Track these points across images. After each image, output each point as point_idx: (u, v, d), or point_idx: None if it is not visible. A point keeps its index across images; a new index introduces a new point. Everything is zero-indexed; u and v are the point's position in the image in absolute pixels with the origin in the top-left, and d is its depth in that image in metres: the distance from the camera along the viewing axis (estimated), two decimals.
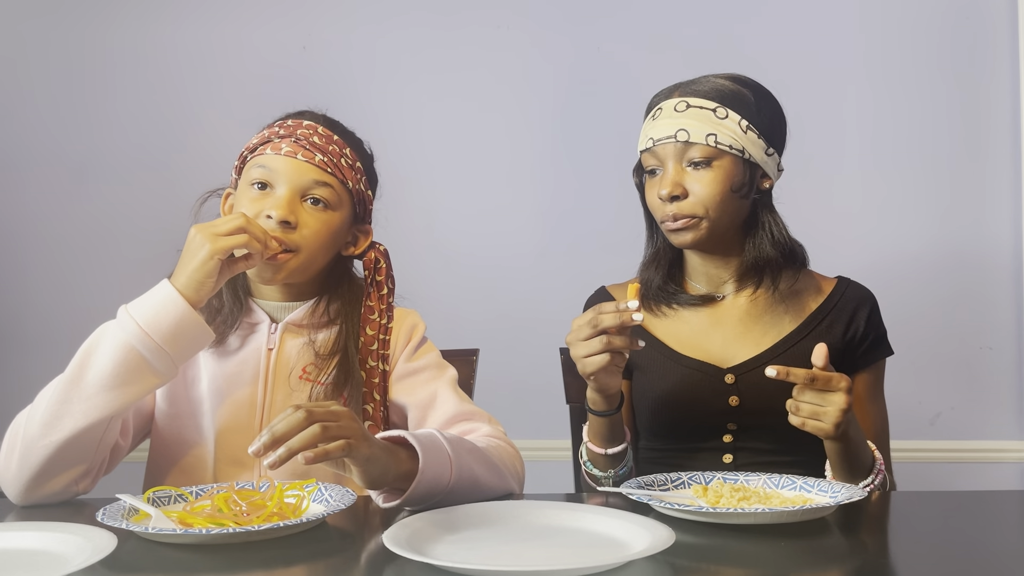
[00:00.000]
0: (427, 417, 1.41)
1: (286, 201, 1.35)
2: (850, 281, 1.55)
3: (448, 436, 1.20)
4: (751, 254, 1.48)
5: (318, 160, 1.37)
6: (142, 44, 2.53)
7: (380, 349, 1.43)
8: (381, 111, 2.47)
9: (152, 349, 1.21)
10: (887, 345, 1.53)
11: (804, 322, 1.50)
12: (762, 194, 1.49)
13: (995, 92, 2.32)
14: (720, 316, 1.52)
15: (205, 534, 1.00)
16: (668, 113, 1.44)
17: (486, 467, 1.23)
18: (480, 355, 1.79)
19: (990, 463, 2.33)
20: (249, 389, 1.39)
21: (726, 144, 1.41)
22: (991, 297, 2.33)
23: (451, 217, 2.47)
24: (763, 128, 1.44)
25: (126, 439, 1.36)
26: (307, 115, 1.44)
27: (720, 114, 1.42)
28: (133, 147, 2.50)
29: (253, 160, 1.40)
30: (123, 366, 1.21)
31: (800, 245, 1.53)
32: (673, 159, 1.43)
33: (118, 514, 1.08)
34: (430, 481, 1.13)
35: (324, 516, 1.08)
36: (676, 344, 1.52)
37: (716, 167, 1.42)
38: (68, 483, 1.25)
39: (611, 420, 1.40)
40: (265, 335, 1.41)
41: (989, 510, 1.27)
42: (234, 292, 1.41)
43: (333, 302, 1.44)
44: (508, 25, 2.46)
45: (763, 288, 1.50)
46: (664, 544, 0.93)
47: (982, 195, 2.33)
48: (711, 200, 1.42)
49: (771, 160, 1.47)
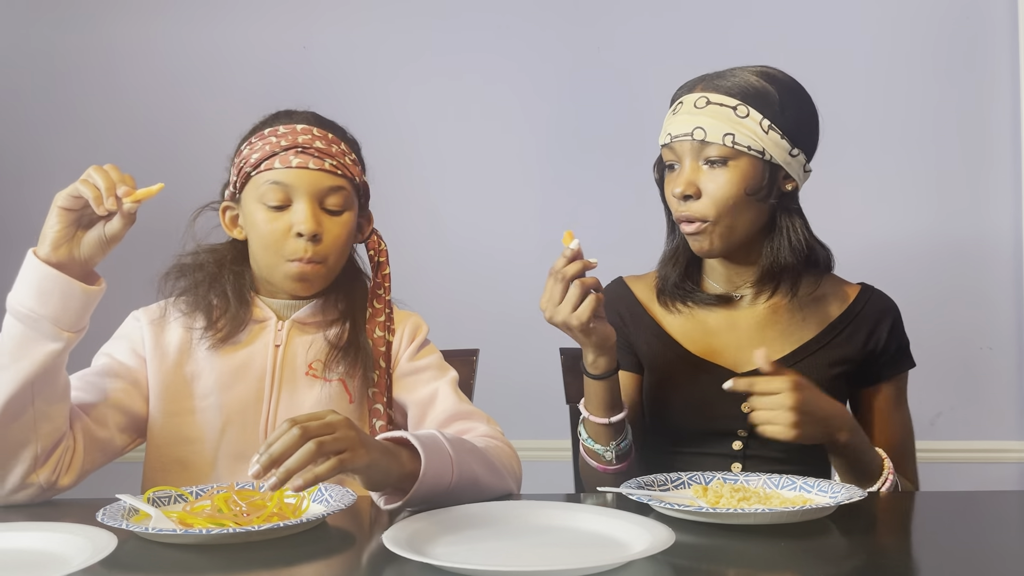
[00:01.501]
0: (426, 415, 1.41)
1: (311, 215, 1.35)
2: (874, 290, 1.52)
3: (449, 436, 1.19)
4: (768, 259, 1.44)
5: (328, 165, 1.37)
6: (142, 45, 2.53)
7: (387, 321, 1.45)
8: (381, 111, 2.47)
9: (24, 316, 1.21)
10: (909, 357, 1.51)
11: (824, 330, 1.47)
12: (784, 197, 1.43)
13: (995, 92, 2.32)
14: (737, 319, 1.49)
15: (205, 534, 1.00)
16: (688, 108, 1.40)
17: (486, 467, 1.23)
18: (480, 355, 1.79)
19: (990, 463, 2.33)
20: (256, 386, 1.39)
21: (744, 145, 1.37)
22: (991, 297, 2.33)
23: (451, 217, 2.47)
24: (787, 128, 1.39)
25: (105, 430, 1.35)
26: (295, 116, 1.42)
27: (740, 112, 1.37)
28: (133, 147, 2.50)
29: (260, 176, 1.38)
30: (9, 342, 1.22)
31: (825, 248, 1.48)
32: (690, 156, 1.40)
33: (118, 514, 1.08)
34: (432, 482, 1.13)
35: (324, 516, 1.08)
36: (689, 344, 1.49)
37: (733, 167, 1.38)
38: (24, 473, 1.24)
39: (611, 382, 1.38)
40: (272, 332, 1.41)
41: (989, 510, 1.27)
42: (238, 291, 1.41)
43: (340, 299, 1.45)
44: (509, 26, 2.46)
45: (781, 294, 1.47)
46: (664, 544, 0.93)
47: (982, 195, 2.33)
48: (723, 202, 1.38)
49: (795, 161, 1.41)
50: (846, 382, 1.47)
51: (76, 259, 1.23)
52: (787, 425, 1.24)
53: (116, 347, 1.42)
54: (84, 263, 1.24)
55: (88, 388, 1.35)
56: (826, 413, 1.29)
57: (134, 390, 1.39)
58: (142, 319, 1.43)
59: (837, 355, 1.46)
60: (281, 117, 1.43)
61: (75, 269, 1.24)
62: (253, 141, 1.40)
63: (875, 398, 1.50)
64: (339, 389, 1.40)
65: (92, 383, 1.37)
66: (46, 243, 1.22)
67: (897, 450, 1.45)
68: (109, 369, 1.39)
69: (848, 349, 1.46)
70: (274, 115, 1.44)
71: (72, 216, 1.23)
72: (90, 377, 1.37)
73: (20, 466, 1.24)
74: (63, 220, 1.22)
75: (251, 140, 1.41)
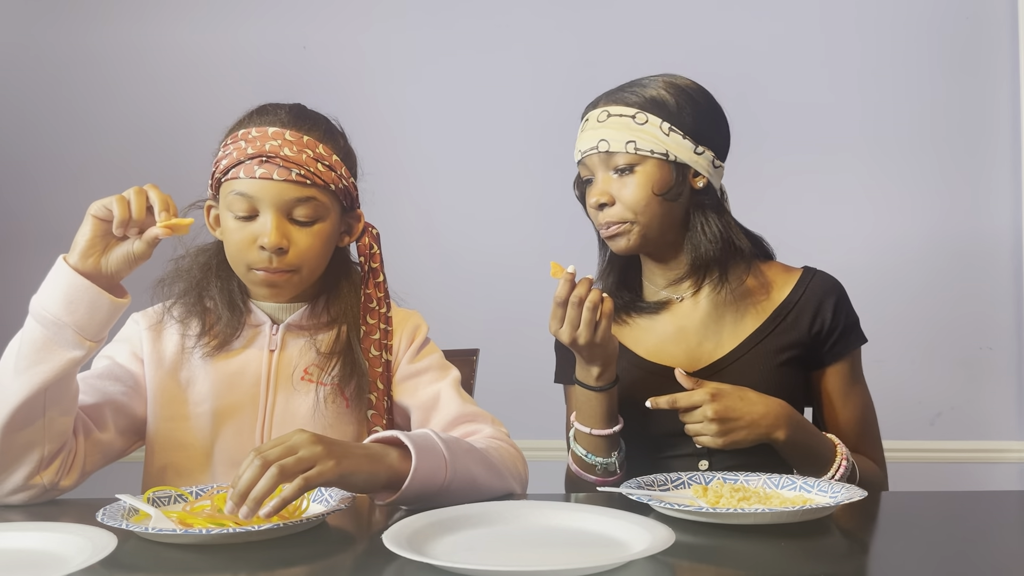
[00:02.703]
0: (430, 419, 1.40)
1: (274, 228, 1.31)
2: (816, 271, 1.53)
3: (444, 436, 1.19)
4: (690, 254, 1.48)
5: (295, 176, 1.31)
6: (143, 45, 2.54)
7: (382, 339, 1.42)
8: (381, 111, 2.47)
9: (49, 323, 1.22)
10: (859, 333, 1.51)
11: (768, 318, 1.49)
12: (696, 194, 1.47)
13: (995, 92, 2.32)
14: (681, 319, 1.51)
15: (205, 534, 1.00)
16: (592, 124, 1.47)
17: (484, 467, 1.23)
18: (480, 355, 1.79)
19: (990, 463, 2.33)
20: (251, 391, 1.38)
21: (647, 149, 1.43)
22: (991, 297, 2.33)
23: (451, 217, 2.47)
24: (687, 128, 1.44)
25: (106, 432, 1.35)
26: (270, 113, 1.37)
27: (639, 120, 1.44)
28: (133, 147, 2.50)
29: (227, 185, 1.34)
30: (29, 346, 1.22)
31: (756, 238, 1.52)
32: (600, 168, 1.46)
33: (118, 514, 1.08)
34: (424, 480, 1.12)
35: (324, 516, 1.08)
36: (643, 351, 1.52)
37: (639, 172, 1.43)
38: (28, 475, 1.25)
39: (611, 394, 1.40)
40: (267, 337, 1.41)
41: (989, 510, 1.27)
42: (230, 299, 1.40)
43: (333, 301, 1.43)
44: (508, 25, 2.46)
45: (712, 287, 1.49)
46: (664, 544, 0.93)
47: (982, 195, 2.33)
48: (637, 204, 1.43)
49: (702, 159, 1.46)
50: (797, 367, 1.49)
51: (103, 271, 1.24)
52: (712, 434, 1.32)
53: (117, 350, 1.42)
54: (111, 276, 1.25)
55: (89, 390, 1.35)
56: (755, 416, 1.33)
57: (135, 393, 1.39)
58: (141, 323, 1.43)
59: (784, 341, 1.47)
60: (255, 117, 1.37)
61: (102, 280, 1.24)
62: (227, 143, 1.36)
63: (828, 379, 1.50)
64: (334, 393, 1.39)
65: (93, 385, 1.37)
66: (76, 251, 1.23)
67: (856, 429, 1.45)
68: (110, 372, 1.39)
69: (794, 334, 1.47)
70: (251, 113, 1.39)
71: (104, 227, 1.24)
72: (91, 379, 1.37)
73: (25, 468, 1.24)
74: (95, 230, 1.23)
75: (226, 141, 1.37)
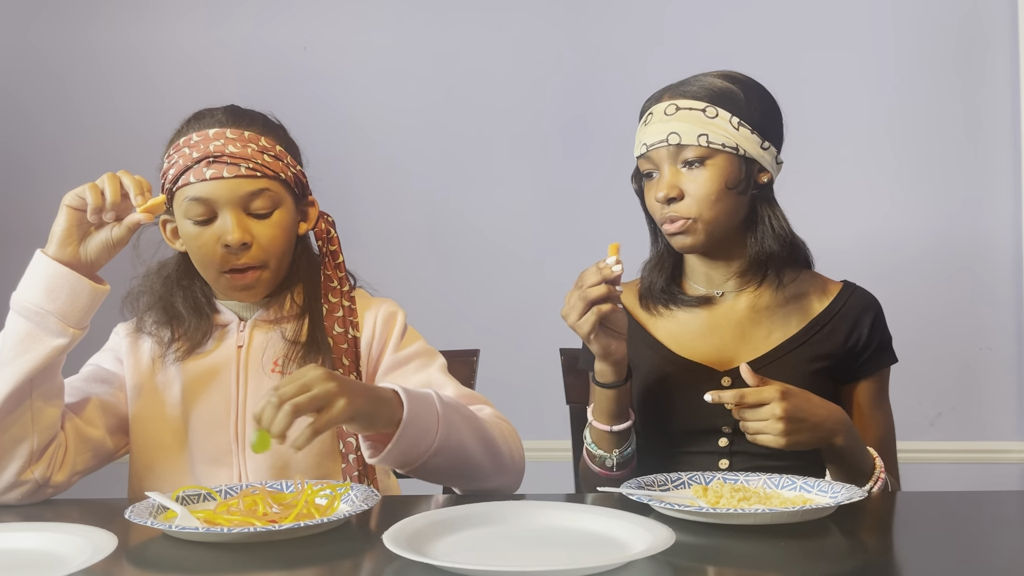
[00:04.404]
0: None
1: (235, 224, 1.32)
2: (855, 286, 1.53)
3: (444, 398, 1.21)
4: (753, 249, 1.47)
5: (245, 170, 1.32)
6: (142, 45, 2.53)
7: (346, 316, 1.41)
8: (381, 111, 2.47)
9: (31, 313, 1.23)
10: (891, 353, 1.51)
11: (806, 327, 1.48)
12: (760, 189, 1.47)
13: (995, 92, 2.32)
14: (718, 319, 1.51)
15: (226, 533, 1.01)
16: (659, 117, 1.45)
17: (478, 437, 1.24)
18: (480, 355, 1.79)
19: (990, 464, 2.32)
20: (223, 389, 1.39)
21: (719, 142, 1.41)
22: (991, 298, 2.33)
23: (451, 217, 2.47)
24: (755, 123, 1.44)
25: (94, 428, 1.36)
26: (206, 117, 1.38)
27: (710, 113, 1.42)
28: (133, 147, 2.49)
29: (180, 193, 1.35)
30: (12, 338, 1.24)
31: (803, 244, 1.52)
32: (668, 162, 1.44)
33: (146, 512, 1.10)
34: (414, 436, 1.14)
35: (348, 516, 1.08)
36: (675, 346, 1.51)
37: (710, 166, 1.42)
38: (20, 469, 1.26)
39: (618, 393, 1.39)
40: (235, 334, 1.41)
41: (989, 511, 1.27)
42: (195, 305, 1.40)
43: (298, 292, 1.43)
44: (508, 25, 2.46)
45: (767, 286, 1.49)
46: (664, 544, 0.93)
47: (982, 195, 2.33)
48: (706, 199, 1.42)
49: (767, 154, 1.46)
50: (827, 378, 1.48)
51: (82, 260, 1.26)
52: (777, 434, 1.28)
53: (101, 357, 1.45)
54: (90, 265, 1.27)
55: (75, 392, 1.38)
56: (819, 418, 1.31)
57: (120, 394, 1.42)
58: (121, 332, 1.46)
59: (818, 351, 1.47)
60: (192, 123, 1.38)
61: (81, 269, 1.26)
62: (171, 154, 1.37)
63: (856, 394, 1.50)
64: None
65: (79, 388, 1.39)
66: (53, 241, 1.25)
67: (878, 447, 1.45)
68: (95, 375, 1.42)
69: (829, 345, 1.47)
70: (188, 121, 1.40)
71: (79, 216, 1.25)
72: (77, 383, 1.40)
73: (16, 462, 1.26)
74: (70, 219, 1.25)
75: (169, 152, 1.38)
